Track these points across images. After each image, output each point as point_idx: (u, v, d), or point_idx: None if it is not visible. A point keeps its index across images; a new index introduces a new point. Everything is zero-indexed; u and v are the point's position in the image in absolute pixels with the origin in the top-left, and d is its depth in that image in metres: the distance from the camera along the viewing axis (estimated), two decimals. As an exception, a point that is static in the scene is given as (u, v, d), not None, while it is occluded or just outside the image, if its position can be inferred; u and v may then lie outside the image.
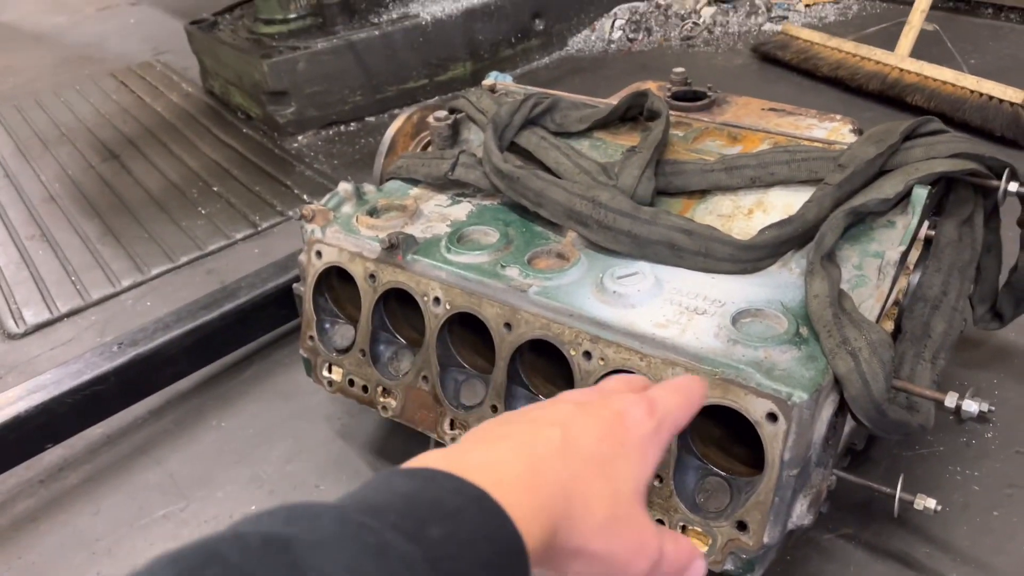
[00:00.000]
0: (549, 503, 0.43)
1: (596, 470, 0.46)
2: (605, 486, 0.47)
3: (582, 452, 0.47)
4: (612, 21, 2.85)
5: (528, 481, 0.43)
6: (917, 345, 0.97)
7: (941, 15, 2.59)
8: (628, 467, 0.49)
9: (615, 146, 1.20)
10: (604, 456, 0.47)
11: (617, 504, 0.47)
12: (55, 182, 2.35)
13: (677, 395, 0.55)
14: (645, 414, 0.51)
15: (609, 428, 0.49)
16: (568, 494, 0.44)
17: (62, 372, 1.33)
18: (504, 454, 0.45)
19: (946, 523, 1.05)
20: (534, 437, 0.47)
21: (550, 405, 0.53)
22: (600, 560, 0.46)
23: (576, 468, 0.46)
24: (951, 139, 1.01)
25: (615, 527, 0.47)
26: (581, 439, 0.47)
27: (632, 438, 0.50)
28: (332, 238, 1.15)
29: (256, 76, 2.39)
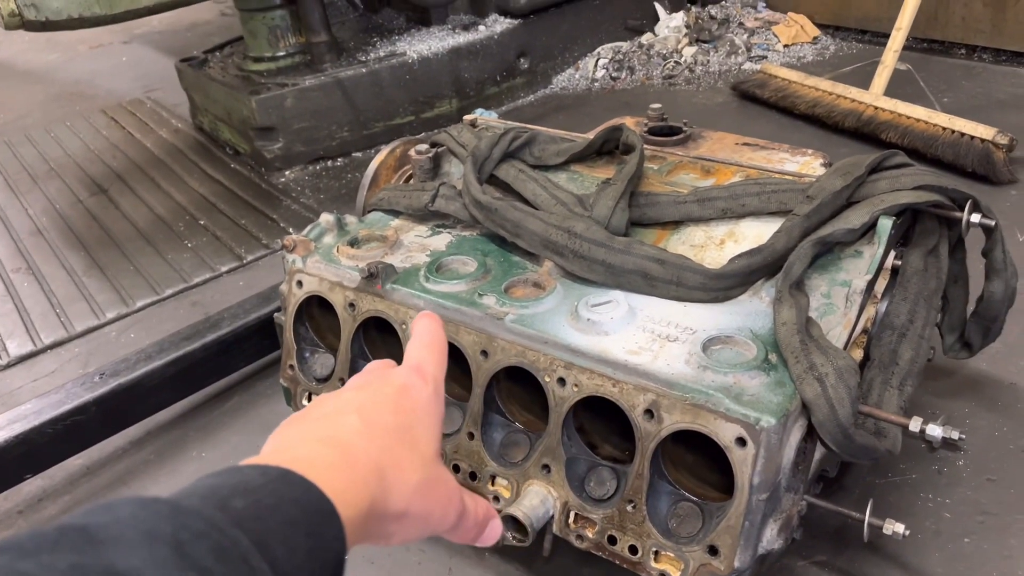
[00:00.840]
0: (362, 479, 0.47)
1: (400, 441, 0.51)
2: (413, 454, 0.51)
3: (382, 427, 0.51)
4: (595, 60, 2.91)
5: (339, 463, 0.47)
6: (885, 372, 0.99)
7: (916, 55, 2.66)
8: (424, 431, 0.53)
9: (591, 179, 1.23)
10: (403, 426, 0.52)
11: (426, 467, 0.52)
12: (43, 216, 2.37)
13: (432, 352, 0.60)
14: (421, 380, 0.57)
15: (398, 401, 0.54)
16: (381, 467, 0.48)
17: (43, 402, 1.33)
18: (313, 447, 0.48)
19: (918, 550, 1.06)
20: (336, 427, 0.50)
21: (334, 398, 0.56)
22: (419, 519, 0.51)
23: (382, 443, 0.50)
24: (915, 172, 1.04)
25: (428, 488, 0.51)
26: (378, 417, 0.52)
27: (419, 404, 0.55)
28: (313, 268, 1.17)
29: (244, 112, 2.42)
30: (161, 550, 0.33)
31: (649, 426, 0.89)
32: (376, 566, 1.14)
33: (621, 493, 0.93)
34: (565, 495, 0.96)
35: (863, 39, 2.91)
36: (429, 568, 1.13)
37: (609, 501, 0.95)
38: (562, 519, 0.97)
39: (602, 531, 0.94)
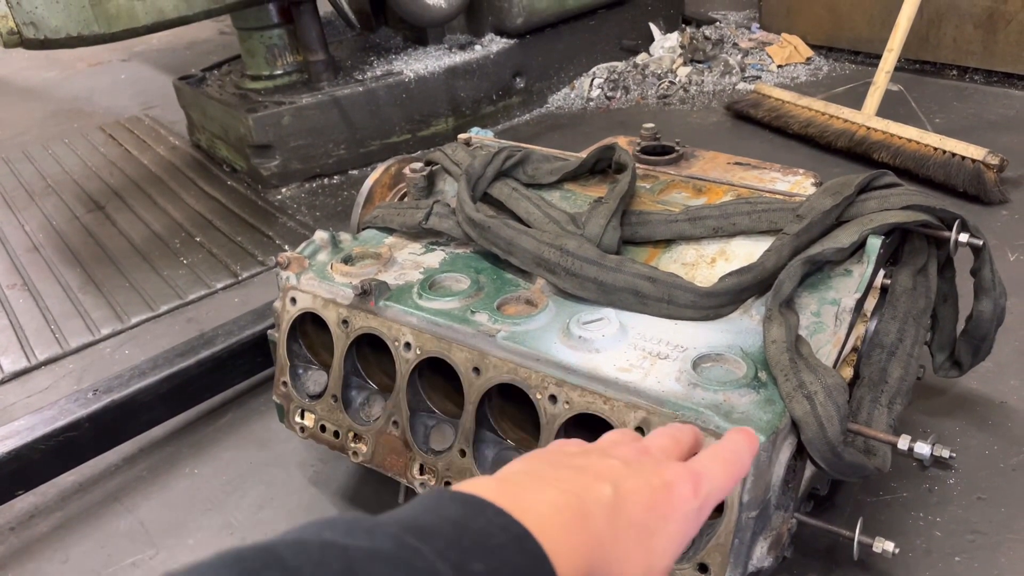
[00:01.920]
0: (589, 557, 0.43)
1: (638, 539, 0.47)
2: (643, 558, 0.47)
3: (629, 517, 0.47)
4: (591, 80, 2.93)
5: (574, 531, 0.43)
6: (874, 391, 1.00)
7: (908, 76, 2.68)
8: (666, 543, 0.49)
9: (584, 197, 1.24)
10: (647, 527, 0.48)
11: (657, 551, 0.48)
12: (39, 232, 2.37)
13: (724, 469, 0.54)
14: (692, 492, 0.51)
15: (656, 499, 0.49)
16: (607, 554, 0.45)
17: (36, 418, 1.33)
18: (555, 498, 0.45)
19: (908, 568, 1.06)
20: (586, 489, 0.47)
21: (597, 455, 0.52)
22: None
23: (620, 531, 0.46)
24: (904, 192, 1.05)
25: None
26: (629, 503, 0.48)
27: (676, 515, 0.49)
28: (307, 285, 1.17)
29: (241, 130, 2.44)
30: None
31: (639, 443, 0.89)
32: None
33: (612, 510, 0.93)
34: (556, 512, 0.96)
35: (856, 60, 2.94)
36: None
37: (600, 518, 0.95)
38: (553, 536, 0.97)
39: (593, 548, 0.94)
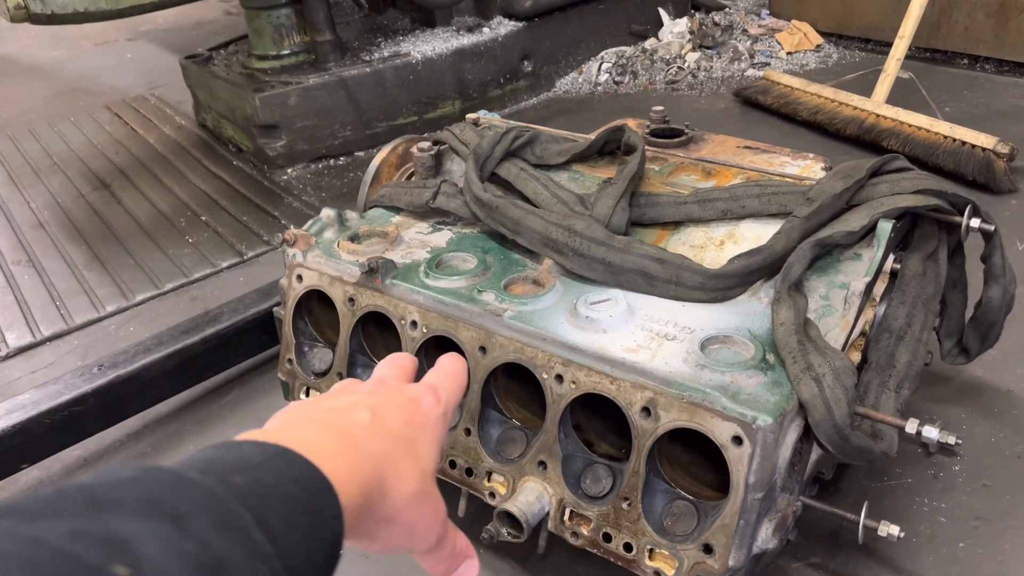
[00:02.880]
0: (362, 472, 0.47)
1: (405, 449, 0.52)
2: (414, 464, 0.52)
3: (391, 432, 0.52)
4: (599, 64, 2.91)
5: (342, 452, 0.47)
6: (882, 375, 0.99)
7: (918, 65, 2.66)
8: (427, 447, 0.54)
9: (592, 178, 1.23)
10: (409, 437, 0.53)
11: (423, 480, 0.52)
12: (45, 210, 2.37)
13: (452, 380, 0.62)
14: (434, 400, 0.58)
15: (409, 412, 0.55)
16: (381, 468, 0.49)
17: (40, 393, 1.33)
18: (318, 430, 0.48)
19: (912, 554, 1.06)
20: (345, 419, 0.51)
21: (345, 393, 0.57)
22: (407, 528, 0.51)
23: (387, 446, 0.50)
24: (916, 176, 1.04)
25: (421, 500, 0.52)
26: (388, 421, 0.52)
27: (427, 421, 0.56)
28: (313, 262, 1.17)
29: (248, 110, 2.43)
30: (161, 521, 0.34)
31: (646, 424, 0.89)
32: (371, 561, 1.14)
33: (617, 491, 0.93)
34: (561, 492, 0.96)
35: (866, 48, 2.92)
36: (424, 564, 1.13)
37: (605, 499, 0.95)
38: (557, 516, 0.97)
39: (597, 528, 0.94)
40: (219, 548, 0.34)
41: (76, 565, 0.30)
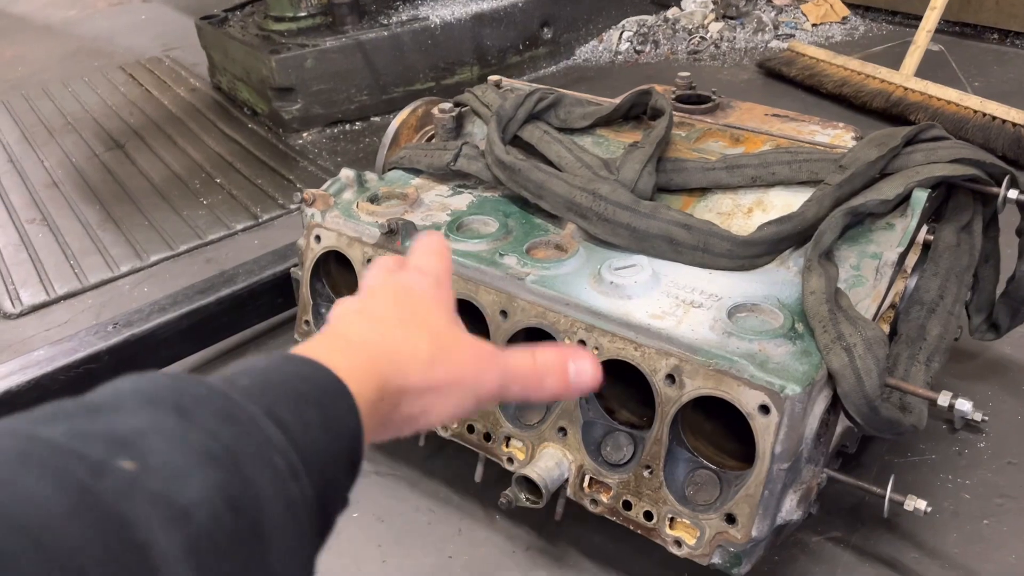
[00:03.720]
0: (369, 360, 0.45)
1: (403, 324, 0.49)
2: (420, 330, 0.49)
3: (382, 315, 0.49)
4: (620, 33, 2.87)
5: (344, 350, 0.45)
6: (912, 347, 0.97)
7: (947, 38, 2.60)
8: (428, 312, 0.51)
9: (617, 143, 1.21)
10: (404, 314, 0.50)
11: (439, 337, 0.49)
12: (59, 169, 2.35)
13: (433, 255, 0.58)
14: (420, 274, 0.55)
15: (398, 297, 0.52)
16: (386, 350, 0.46)
17: (56, 349, 1.33)
18: (313, 342, 0.46)
19: (935, 530, 1.04)
20: (338, 327, 0.49)
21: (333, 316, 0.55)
22: (449, 386, 0.48)
23: (384, 331, 0.48)
24: (953, 145, 1.01)
25: (448, 354, 0.49)
26: (379, 312, 0.50)
27: (422, 295, 0.52)
28: (332, 223, 1.15)
29: (264, 72, 2.40)
30: (165, 414, 0.32)
31: (670, 391, 0.88)
32: (386, 524, 1.13)
33: (638, 459, 0.92)
34: (581, 459, 0.95)
35: (893, 20, 2.86)
36: (439, 529, 1.12)
37: (625, 466, 0.94)
38: (576, 483, 0.95)
39: (617, 496, 0.93)
40: (227, 438, 0.32)
41: (76, 459, 0.28)
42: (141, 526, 0.27)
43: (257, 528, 0.31)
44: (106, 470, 0.28)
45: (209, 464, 0.31)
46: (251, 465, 0.32)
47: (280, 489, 0.33)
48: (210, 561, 0.28)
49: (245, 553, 0.30)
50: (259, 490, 0.32)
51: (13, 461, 0.27)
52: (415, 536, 1.11)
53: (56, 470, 0.27)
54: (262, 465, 0.33)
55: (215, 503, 0.30)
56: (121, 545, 0.26)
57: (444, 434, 1.06)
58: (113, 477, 0.28)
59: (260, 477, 0.32)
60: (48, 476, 0.27)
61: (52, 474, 0.27)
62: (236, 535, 0.30)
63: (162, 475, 0.29)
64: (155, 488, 0.28)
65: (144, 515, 0.27)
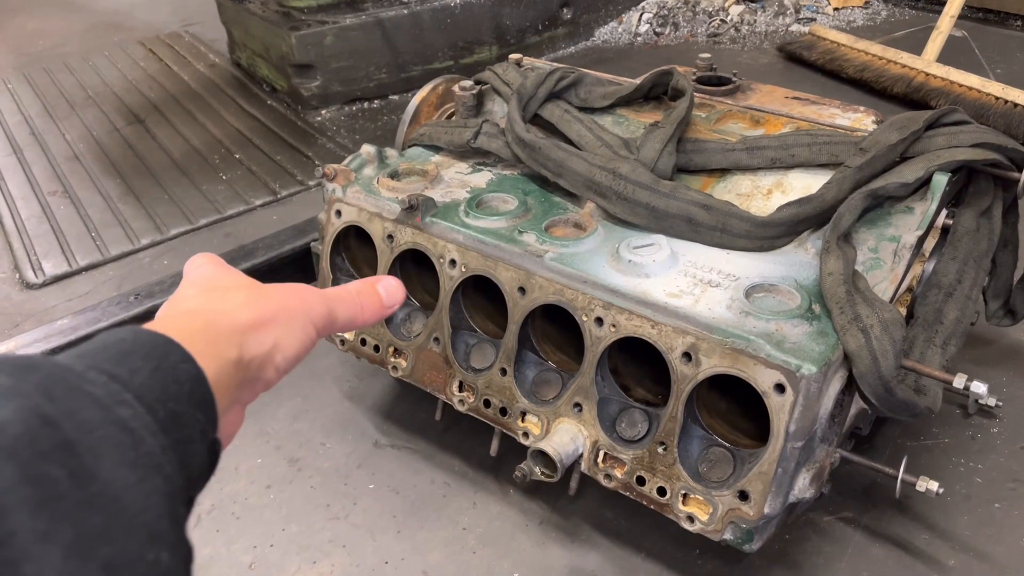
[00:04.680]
0: (185, 319, 0.48)
1: (209, 290, 0.52)
2: (228, 289, 0.52)
3: (186, 293, 0.52)
4: (640, 14, 2.85)
5: (161, 319, 0.48)
6: (928, 330, 0.98)
7: (970, 24, 2.58)
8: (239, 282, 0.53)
9: (637, 123, 1.21)
10: (214, 285, 0.53)
11: (251, 286, 0.53)
12: (80, 142, 2.37)
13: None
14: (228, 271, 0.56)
15: (205, 278, 0.54)
16: (196, 309, 0.49)
17: (79, 319, 1.35)
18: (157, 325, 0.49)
19: (947, 512, 1.05)
20: (156, 318, 0.51)
21: None
22: (280, 314, 0.51)
23: (194, 301, 0.51)
24: (975, 129, 1.01)
25: (266, 292, 0.52)
26: (183, 289, 0.53)
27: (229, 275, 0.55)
28: (352, 198, 1.16)
29: (284, 48, 2.41)
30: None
31: (686, 369, 0.88)
32: (401, 497, 1.15)
33: (653, 435, 0.93)
34: (596, 434, 0.96)
35: (916, 5, 2.83)
36: (454, 502, 1.14)
37: (640, 442, 0.95)
38: (591, 458, 0.97)
39: (631, 471, 0.94)
40: (33, 381, 0.35)
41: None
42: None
43: (81, 440, 0.34)
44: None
45: (20, 396, 0.33)
46: (66, 399, 0.35)
47: (104, 411, 0.35)
48: (34, 464, 0.31)
49: (71, 460, 0.32)
50: (82, 416, 0.34)
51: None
52: (430, 508, 1.13)
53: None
54: (78, 396, 0.35)
55: (29, 421, 0.32)
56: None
57: (460, 408, 1.07)
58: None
59: (79, 406, 0.35)
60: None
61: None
62: (58, 445, 0.32)
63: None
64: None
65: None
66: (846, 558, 1.01)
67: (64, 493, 0.31)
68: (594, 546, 1.06)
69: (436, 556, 1.07)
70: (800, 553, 1.02)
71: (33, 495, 0.30)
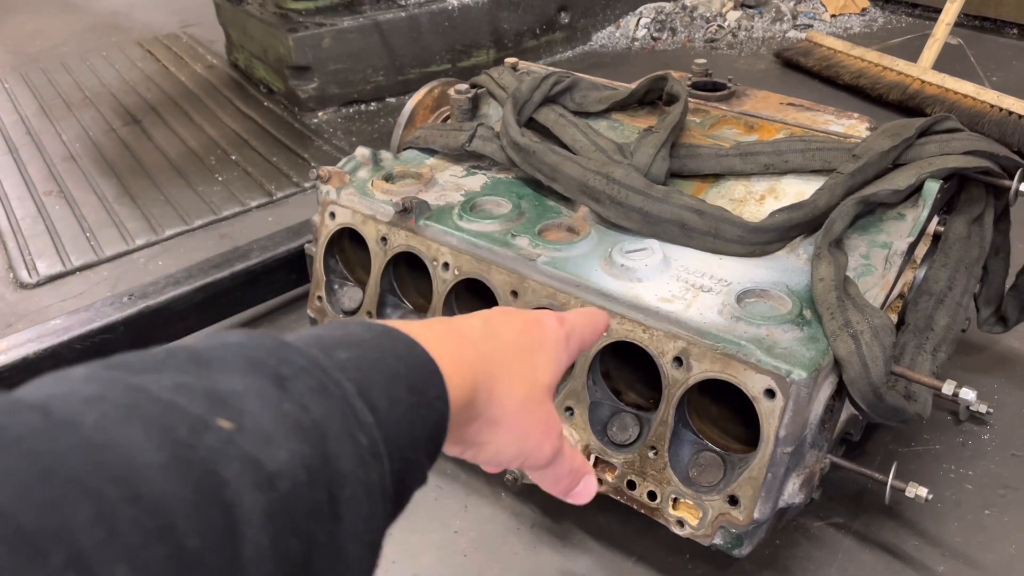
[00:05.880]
0: (468, 362, 0.45)
1: (517, 355, 0.50)
2: (525, 370, 0.50)
3: (504, 338, 0.50)
4: (637, 19, 2.86)
5: (449, 340, 0.45)
6: (919, 337, 0.98)
7: (966, 32, 2.59)
8: (544, 360, 0.52)
9: (632, 128, 1.21)
10: (523, 346, 0.51)
11: (535, 388, 0.50)
12: (76, 142, 2.37)
13: (584, 317, 0.59)
14: (557, 322, 0.55)
15: (527, 326, 0.52)
16: (490, 368, 0.47)
17: (72, 319, 1.35)
18: (425, 326, 0.46)
19: (937, 518, 1.05)
20: (458, 323, 0.49)
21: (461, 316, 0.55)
22: (516, 436, 0.49)
23: (498, 350, 0.49)
24: (966, 137, 1.01)
25: (532, 407, 0.50)
26: (503, 329, 0.51)
27: (548, 338, 0.53)
28: (347, 200, 1.16)
29: (281, 50, 2.41)
30: (262, 380, 0.33)
31: (677, 373, 0.89)
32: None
33: (644, 439, 0.93)
34: (587, 438, 0.96)
35: (913, 13, 2.84)
36: (445, 505, 1.14)
37: (631, 447, 0.95)
38: (582, 462, 0.97)
39: (622, 476, 0.94)
40: (318, 413, 0.33)
41: (178, 413, 0.29)
42: (231, 486, 0.28)
43: (333, 505, 0.32)
44: (206, 428, 0.29)
45: (298, 435, 0.31)
46: (336, 442, 0.33)
47: (360, 468, 0.34)
48: (286, 531, 0.29)
49: (318, 528, 0.31)
50: (340, 467, 0.33)
51: (121, 413, 0.28)
52: (421, 511, 1.13)
53: (159, 425, 0.28)
54: (346, 443, 0.33)
55: (298, 474, 0.30)
56: (209, 502, 0.27)
57: (453, 411, 1.07)
58: (211, 435, 0.29)
59: (343, 454, 0.33)
60: (150, 430, 0.28)
61: (154, 428, 0.28)
62: (312, 509, 0.31)
63: (255, 438, 0.30)
64: (247, 449, 0.29)
65: (234, 475, 0.28)
66: (836, 563, 1.01)
67: (291, 573, 0.30)
68: (585, 550, 1.06)
69: (427, 559, 1.07)
70: (790, 558, 1.02)
71: (271, 572, 0.29)
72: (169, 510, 0.26)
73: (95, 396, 0.28)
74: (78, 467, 0.25)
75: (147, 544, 0.25)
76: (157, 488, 0.26)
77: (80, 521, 0.24)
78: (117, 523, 0.25)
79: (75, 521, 0.24)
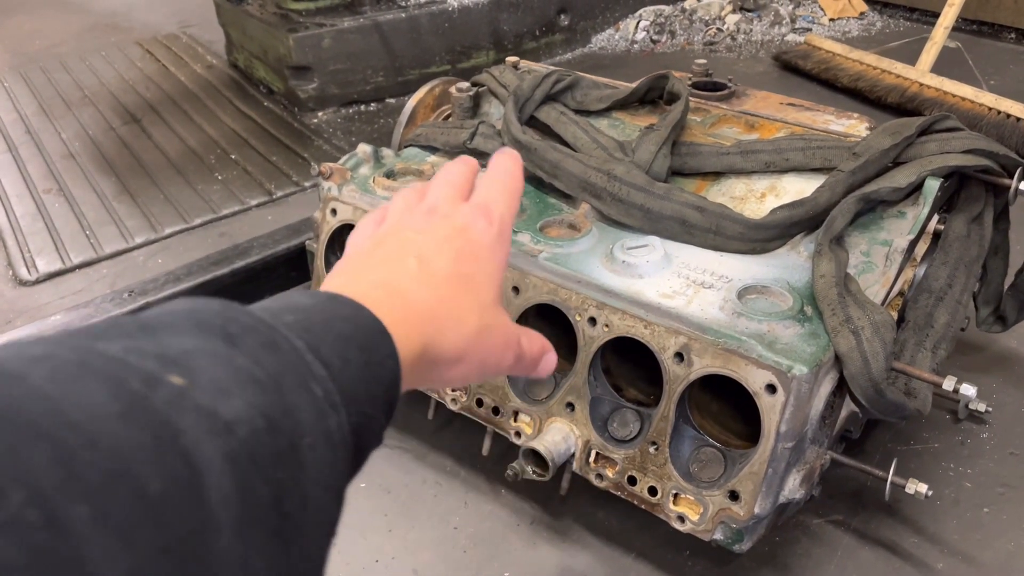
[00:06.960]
0: (417, 323, 0.45)
1: (458, 288, 0.49)
2: (472, 300, 0.49)
3: (441, 275, 0.49)
4: (637, 22, 2.87)
5: (395, 306, 0.45)
6: (919, 334, 0.98)
7: (964, 36, 2.60)
8: (486, 278, 0.51)
9: (633, 126, 1.22)
10: (463, 274, 0.50)
11: (483, 313, 0.50)
12: (75, 141, 2.37)
13: (504, 190, 0.56)
14: (486, 223, 0.53)
15: (458, 246, 0.51)
16: (435, 313, 0.47)
17: (72, 315, 1.35)
18: (366, 289, 0.46)
19: (935, 516, 1.05)
20: (393, 272, 0.48)
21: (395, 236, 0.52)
22: (475, 364, 0.49)
23: (439, 291, 0.48)
24: (967, 136, 1.02)
25: (486, 333, 0.49)
26: (437, 264, 0.49)
27: (482, 248, 0.51)
28: (348, 197, 1.17)
29: (281, 50, 2.41)
30: (212, 339, 0.33)
31: (678, 369, 0.89)
32: (392, 496, 1.15)
33: (644, 435, 0.93)
34: (588, 434, 0.97)
35: (911, 17, 2.85)
36: (445, 501, 1.14)
37: (632, 442, 0.95)
38: (583, 457, 0.97)
39: (622, 471, 0.94)
40: (271, 366, 0.33)
41: (130, 371, 0.29)
42: (188, 434, 0.28)
43: (295, 451, 0.32)
44: (158, 382, 0.29)
45: (252, 387, 0.32)
46: (292, 392, 0.33)
47: (319, 418, 0.34)
48: (249, 474, 0.30)
49: (282, 473, 0.31)
50: (299, 416, 0.33)
51: (72, 368, 0.28)
52: (421, 507, 1.13)
53: (111, 378, 0.28)
54: (302, 393, 0.34)
55: (256, 421, 0.31)
56: (168, 449, 0.27)
57: (453, 407, 1.08)
58: (164, 388, 0.29)
59: (300, 404, 0.33)
60: (103, 383, 0.28)
61: (107, 381, 0.28)
62: (275, 455, 0.31)
63: (208, 391, 0.30)
64: (202, 402, 0.30)
65: (191, 424, 0.29)
66: (835, 560, 1.01)
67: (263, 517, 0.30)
68: (585, 546, 1.06)
69: (427, 555, 1.07)
70: (789, 555, 1.03)
71: (240, 515, 0.29)
72: (128, 456, 0.26)
73: (43, 355, 0.28)
74: (33, 413, 0.25)
75: (107, 485, 0.25)
76: (114, 434, 0.26)
77: (38, 462, 0.24)
78: (75, 465, 0.25)
79: (32, 462, 0.24)
